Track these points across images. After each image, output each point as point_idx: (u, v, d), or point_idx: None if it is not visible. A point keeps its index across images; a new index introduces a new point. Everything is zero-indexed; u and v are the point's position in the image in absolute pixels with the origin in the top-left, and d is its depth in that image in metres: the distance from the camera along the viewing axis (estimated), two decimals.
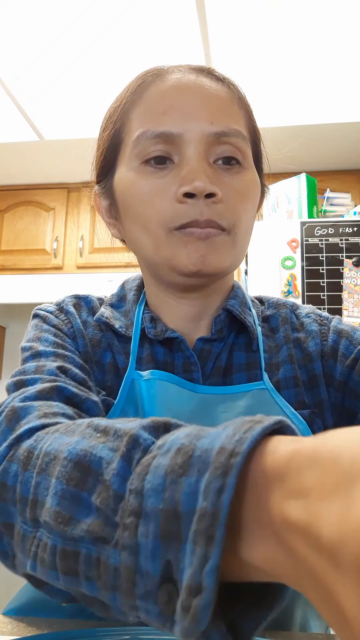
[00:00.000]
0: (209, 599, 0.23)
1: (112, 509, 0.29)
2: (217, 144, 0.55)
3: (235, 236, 0.56)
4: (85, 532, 0.30)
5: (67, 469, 0.33)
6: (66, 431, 0.37)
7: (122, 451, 0.31)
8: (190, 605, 0.24)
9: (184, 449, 0.27)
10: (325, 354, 0.62)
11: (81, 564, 0.30)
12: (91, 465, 0.32)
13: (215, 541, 0.24)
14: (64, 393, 0.50)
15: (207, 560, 0.24)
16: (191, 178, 0.52)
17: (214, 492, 0.24)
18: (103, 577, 0.29)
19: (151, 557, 0.26)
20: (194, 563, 0.24)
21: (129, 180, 0.56)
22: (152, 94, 0.56)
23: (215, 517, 0.24)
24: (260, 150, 0.63)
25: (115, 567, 0.28)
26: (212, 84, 0.57)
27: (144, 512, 0.27)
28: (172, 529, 0.26)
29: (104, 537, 0.29)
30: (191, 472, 0.26)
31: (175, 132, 0.54)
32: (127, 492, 0.29)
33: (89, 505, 0.31)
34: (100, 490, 0.30)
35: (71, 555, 0.31)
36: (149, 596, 0.27)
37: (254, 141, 0.61)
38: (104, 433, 0.34)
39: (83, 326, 0.62)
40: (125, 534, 0.28)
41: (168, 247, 0.55)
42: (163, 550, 0.26)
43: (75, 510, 0.31)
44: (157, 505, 0.27)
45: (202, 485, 0.25)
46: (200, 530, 0.24)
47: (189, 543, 0.25)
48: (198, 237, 0.53)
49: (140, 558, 0.27)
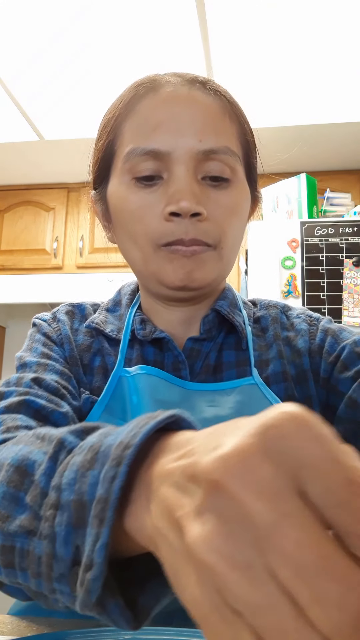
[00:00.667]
0: (98, 572, 0.26)
1: (39, 505, 0.33)
2: (205, 161, 0.56)
3: (222, 250, 0.58)
4: (18, 527, 0.33)
5: (9, 473, 0.36)
6: (16, 441, 0.41)
7: (50, 453, 0.34)
8: (84, 579, 0.27)
9: (94, 446, 0.31)
10: (312, 352, 0.64)
11: (16, 556, 0.34)
12: (27, 469, 0.35)
13: (105, 522, 0.27)
14: (32, 406, 0.53)
15: (98, 539, 0.27)
16: (177, 198, 0.54)
17: (108, 480, 0.28)
18: (31, 566, 0.32)
19: (64, 543, 0.30)
20: (89, 543, 0.28)
21: (120, 195, 0.58)
22: (143, 109, 0.57)
23: (107, 501, 0.27)
24: (253, 161, 0.64)
25: (39, 555, 0.32)
26: (205, 97, 0.58)
27: (60, 504, 0.31)
28: (80, 516, 0.29)
29: (32, 530, 0.33)
30: (96, 465, 0.30)
31: (164, 150, 0.55)
32: (50, 488, 0.32)
33: (23, 503, 0.34)
34: (32, 489, 0.34)
35: (8, 549, 0.34)
36: (62, 578, 0.30)
37: (246, 154, 0.62)
38: (41, 439, 0.38)
39: (74, 333, 0.65)
40: (46, 525, 0.31)
41: (155, 262, 0.57)
42: (74, 537, 0.30)
43: (13, 508, 0.35)
44: (69, 497, 0.30)
45: (101, 476, 0.28)
46: (95, 515, 0.28)
47: (89, 527, 0.28)
48: (183, 255, 0.55)
49: (57, 545, 0.30)
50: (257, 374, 0.61)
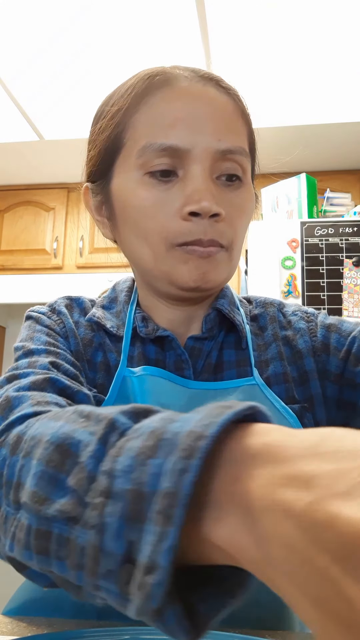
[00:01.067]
0: (162, 577, 0.23)
1: (84, 490, 0.29)
2: (221, 161, 0.55)
3: (232, 252, 0.57)
4: (58, 511, 0.30)
5: (47, 451, 0.33)
6: (54, 417, 0.38)
7: (100, 434, 0.31)
8: (145, 583, 0.24)
9: (155, 431, 0.28)
10: (316, 350, 0.63)
11: (53, 543, 0.31)
12: (70, 448, 0.32)
13: (174, 521, 0.24)
14: (57, 385, 0.50)
15: (163, 540, 0.24)
16: (198, 197, 0.53)
17: (177, 473, 0.25)
18: (71, 556, 0.29)
19: (115, 536, 0.27)
20: (151, 542, 0.24)
21: (131, 190, 0.56)
22: (158, 103, 0.55)
23: (176, 497, 0.24)
24: (255, 162, 0.64)
25: (82, 546, 0.28)
26: (219, 95, 0.57)
27: (113, 492, 0.27)
28: (136, 509, 0.26)
29: (74, 517, 0.29)
30: (159, 454, 0.26)
31: (183, 147, 0.53)
32: (100, 473, 0.29)
33: (65, 486, 0.31)
34: (76, 471, 0.31)
35: (44, 534, 0.31)
36: (110, 576, 0.27)
37: (252, 154, 0.62)
38: (86, 418, 0.34)
39: (75, 326, 0.63)
40: (94, 513, 0.28)
41: (168, 261, 0.55)
42: (127, 531, 0.26)
43: (51, 491, 0.32)
44: (125, 486, 0.27)
45: (167, 467, 0.25)
46: (160, 510, 0.24)
47: (150, 523, 0.25)
48: (200, 256, 0.54)
49: (106, 537, 0.27)
50: (257, 375, 0.61)
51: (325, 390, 0.62)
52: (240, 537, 0.24)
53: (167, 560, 0.23)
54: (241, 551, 0.24)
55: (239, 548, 0.24)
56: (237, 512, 0.24)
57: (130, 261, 0.63)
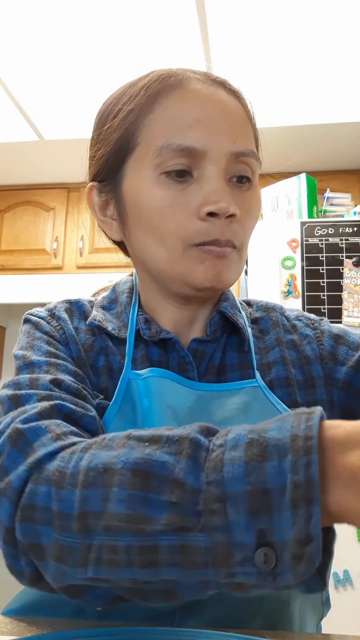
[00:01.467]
0: (319, 544, 0.31)
1: (190, 502, 0.35)
2: (235, 163, 0.56)
3: (242, 252, 0.58)
4: (164, 526, 0.35)
5: (126, 477, 0.37)
6: (102, 447, 0.41)
7: (187, 453, 0.36)
8: (303, 553, 0.31)
9: (255, 442, 0.34)
10: (324, 358, 0.64)
11: (162, 554, 0.35)
12: (153, 470, 0.36)
13: (314, 501, 0.31)
14: (63, 411, 0.50)
15: (310, 517, 0.31)
16: (215, 198, 0.53)
17: (303, 467, 0.32)
18: (192, 559, 0.34)
19: (245, 529, 0.33)
20: (298, 522, 0.31)
21: (146, 190, 0.56)
22: (173, 104, 0.56)
23: (310, 484, 0.31)
24: (260, 164, 0.64)
25: (206, 547, 0.34)
26: (229, 99, 0.58)
27: (229, 496, 0.34)
28: (261, 504, 0.33)
29: (183, 527, 0.35)
30: (271, 458, 0.33)
31: (200, 148, 0.54)
32: (205, 485, 0.35)
33: (160, 503, 0.36)
34: (171, 488, 0.35)
35: (151, 549, 0.35)
36: (246, 561, 0.33)
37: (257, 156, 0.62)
38: (152, 442, 0.39)
39: (75, 332, 0.62)
40: (214, 517, 0.34)
41: (184, 261, 0.56)
42: (255, 522, 0.33)
43: (147, 509, 0.36)
44: (242, 488, 0.33)
45: (287, 465, 0.33)
46: (296, 497, 0.32)
47: (286, 510, 0.32)
48: (216, 255, 0.55)
49: (236, 533, 0.33)
50: (259, 377, 0.61)
51: (331, 397, 0.63)
52: (350, 501, 0.32)
53: (318, 530, 0.31)
54: (352, 510, 0.32)
55: (350, 508, 0.32)
56: (345, 484, 0.32)
57: (140, 261, 0.62)
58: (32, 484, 0.42)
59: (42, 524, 0.41)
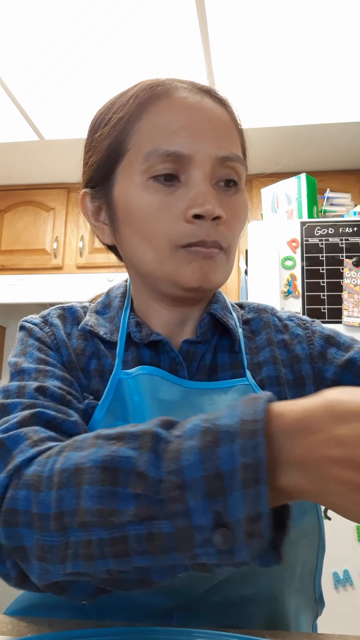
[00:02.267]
0: (267, 521, 0.34)
1: (153, 491, 0.37)
2: (220, 167, 0.58)
3: (229, 254, 0.60)
4: (131, 516, 0.37)
5: (95, 474, 0.39)
6: (74, 448, 0.43)
7: (148, 446, 0.39)
8: (254, 530, 0.34)
9: (209, 430, 0.37)
10: (314, 358, 0.66)
11: (132, 543, 0.38)
12: (120, 465, 0.39)
13: (262, 480, 0.34)
14: (43, 417, 0.53)
15: (259, 495, 0.34)
16: (201, 201, 0.55)
17: (251, 450, 0.34)
18: (158, 545, 0.37)
19: (203, 513, 0.35)
20: (248, 501, 0.34)
21: (135, 194, 0.58)
22: (160, 111, 0.58)
23: (258, 465, 0.34)
24: (246, 169, 0.66)
25: (170, 533, 0.36)
26: (215, 106, 0.60)
27: (187, 483, 0.36)
28: (216, 487, 0.35)
29: (150, 516, 0.37)
30: (223, 443, 0.35)
31: (186, 153, 0.56)
32: (165, 475, 0.37)
33: (127, 496, 0.38)
34: (136, 481, 0.38)
35: (120, 540, 0.38)
36: (207, 543, 0.36)
37: (244, 161, 0.64)
38: (118, 439, 0.41)
39: (67, 337, 0.64)
40: (175, 504, 0.36)
41: (172, 262, 0.57)
42: (211, 506, 0.35)
43: (116, 503, 0.38)
44: (198, 474, 0.36)
45: (236, 449, 0.35)
46: (246, 478, 0.34)
47: (237, 491, 0.34)
48: (203, 256, 0.57)
49: (193, 518, 0.36)
50: (250, 376, 0.63)
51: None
52: (300, 481, 0.35)
53: (266, 507, 0.34)
54: (301, 489, 0.35)
55: (300, 486, 0.35)
56: (293, 464, 0.35)
57: (131, 264, 0.64)
58: (13, 490, 0.44)
59: (24, 526, 0.43)
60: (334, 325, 1.94)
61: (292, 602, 0.59)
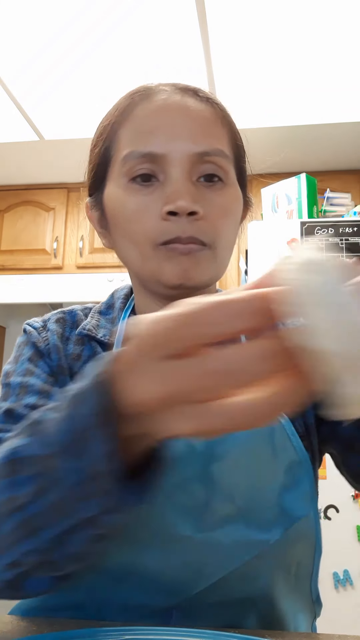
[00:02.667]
0: (117, 457, 0.34)
1: (38, 466, 0.39)
2: (200, 163, 0.58)
3: (216, 250, 0.59)
4: (28, 496, 0.40)
5: (2, 470, 0.42)
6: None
7: (29, 431, 0.41)
8: (111, 467, 0.35)
9: (74, 394, 0.37)
10: None
11: (36, 519, 0.40)
12: (15, 457, 0.41)
13: (112, 423, 0.34)
14: (3, 440, 0.55)
15: (110, 435, 0.34)
16: (174, 198, 0.56)
17: (98, 396, 0.34)
18: (59, 508, 0.39)
19: (75, 466, 0.37)
20: (103, 442, 0.34)
21: (117, 197, 0.60)
22: (139, 115, 0.60)
23: (108, 411, 0.34)
24: (243, 165, 0.66)
25: (60, 496, 0.38)
26: (197, 104, 0.60)
27: (58, 445, 0.37)
28: (79, 438, 0.36)
29: (42, 488, 0.39)
30: (84, 399, 0.36)
31: (160, 152, 0.57)
32: (40, 450, 0.40)
33: (22, 480, 0.41)
34: (26, 465, 0.41)
35: (27, 521, 0.41)
36: (91, 493, 0.37)
37: (237, 158, 0.64)
38: (19, 433, 0.43)
39: (64, 342, 0.66)
40: (56, 461, 0.38)
41: (154, 260, 0.58)
42: (76, 457, 0.37)
43: (15, 490, 0.41)
44: (63, 438, 0.37)
45: (90, 400, 0.35)
46: (98, 424, 0.35)
47: (97, 434, 0.35)
48: (181, 253, 0.57)
49: (67, 475, 0.37)
50: None
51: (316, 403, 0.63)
52: (151, 425, 0.34)
53: (117, 445, 0.34)
54: (153, 431, 0.34)
55: (150, 429, 0.34)
56: (135, 410, 0.33)
57: (124, 264, 0.65)
58: None
59: None
60: None
61: (289, 602, 0.59)
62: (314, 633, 0.53)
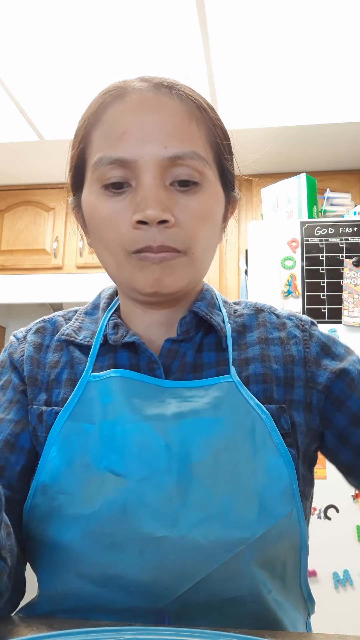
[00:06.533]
0: None
1: None
2: (172, 167, 0.56)
3: (193, 256, 0.58)
4: None
5: None
6: None
7: None
8: None
9: None
10: (308, 361, 0.65)
11: None
12: None
13: None
14: None
15: None
16: (143, 206, 0.54)
17: None
18: None
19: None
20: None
21: (92, 203, 0.59)
22: (110, 117, 0.58)
23: None
24: (225, 163, 0.63)
25: None
26: (171, 102, 0.57)
27: None
28: None
29: None
30: None
31: (130, 158, 0.55)
32: None
33: None
34: None
35: None
36: None
37: (217, 156, 0.61)
38: None
39: (44, 350, 0.67)
40: None
41: (127, 268, 0.58)
42: None
43: None
44: None
45: None
46: None
47: None
48: (152, 262, 0.56)
49: None
50: (234, 373, 0.61)
51: (311, 399, 0.63)
52: None
53: None
54: None
55: None
56: None
57: (103, 268, 0.65)
58: None
59: None
60: (334, 325, 1.94)
61: (279, 601, 0.57)
62: (314, 633, 0.52)
